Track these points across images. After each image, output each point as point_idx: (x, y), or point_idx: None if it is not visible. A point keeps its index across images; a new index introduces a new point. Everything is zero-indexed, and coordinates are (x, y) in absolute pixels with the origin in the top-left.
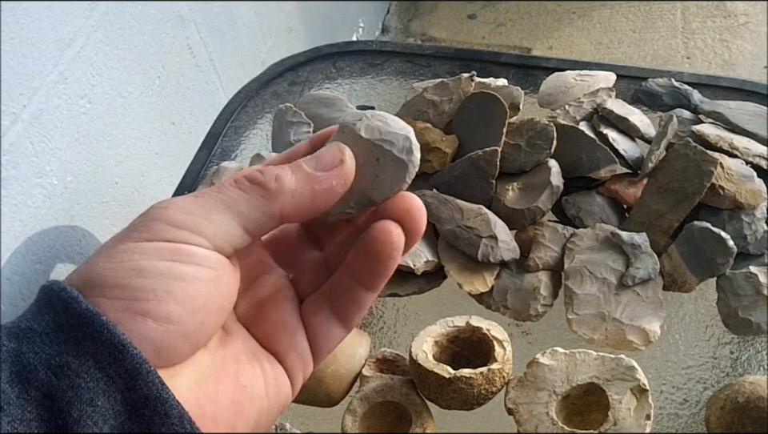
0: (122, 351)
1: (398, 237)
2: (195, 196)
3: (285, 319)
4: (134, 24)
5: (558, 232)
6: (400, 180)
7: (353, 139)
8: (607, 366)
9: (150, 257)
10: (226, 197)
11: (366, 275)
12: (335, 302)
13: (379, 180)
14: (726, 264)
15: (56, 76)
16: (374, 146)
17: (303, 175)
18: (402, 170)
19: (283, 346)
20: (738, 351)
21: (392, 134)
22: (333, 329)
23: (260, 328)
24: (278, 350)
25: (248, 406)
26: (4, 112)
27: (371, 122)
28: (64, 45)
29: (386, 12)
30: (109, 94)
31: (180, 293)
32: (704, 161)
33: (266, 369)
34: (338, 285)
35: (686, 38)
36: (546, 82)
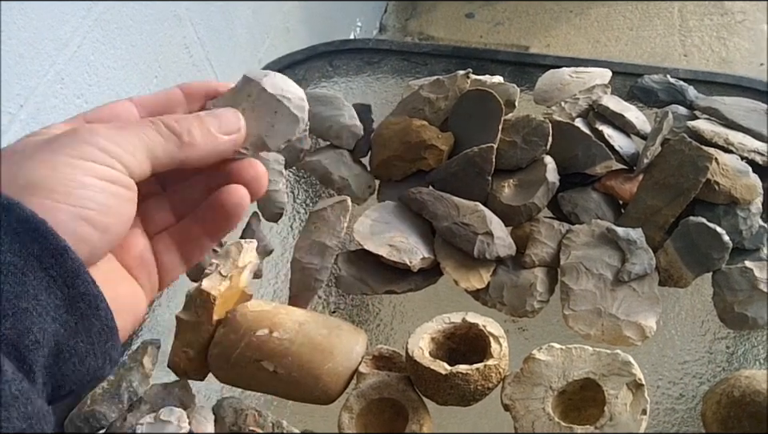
0: (63, 255)
1: (245, 199)
2: (120, 129)
3: (143, 254)
4: (131, 23)
5: (554, 228)
6: (291, 132)
7: (257, 91)
8: (603, 361)
9: (88, 174)
10: (147, 138)
11: (214, 227)
12: (184, 246)
13: (274, 129)
14: (722, 259)
15: (53, 76)
16: (274, 99)
17: (209, 134)
18: (294, 124)
19: (141, 275)
20: (733, 346)
21: (290, 92)
22: (177, 266)
23: (123, 258)
24: (135, 276)
25: (134, 308)
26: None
27: (274, 79)
28: (61, 45)
29: (383, 11)
30: (106, 93)
31: (116, 209)
32: (699, 156)
33: (134, 284)
34: (187, 232)
35: (683, 36)
36: (542, 79)
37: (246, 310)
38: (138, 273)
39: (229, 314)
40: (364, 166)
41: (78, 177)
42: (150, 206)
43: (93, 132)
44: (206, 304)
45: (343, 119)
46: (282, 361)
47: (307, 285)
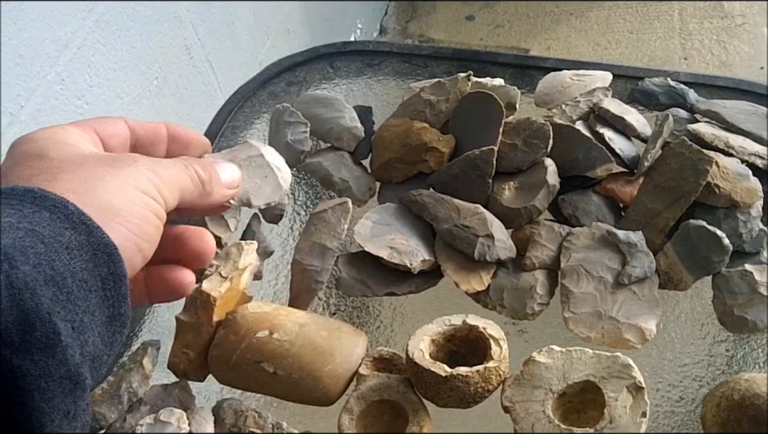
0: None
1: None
2: (166, 166)
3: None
4: (132, 25)
5: (555, 231)
6: (273, 197)
7: (255, 155)
8: (603, 364)
9: (146, 207)
10: (182, 180)
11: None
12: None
13: (261, 190)
14: (722, 262)
15: (53, 77)
16: (268, 166)
17: (219, 184)
18: (278, 191)
19: None
20: (733, 349)
21: (282, 167)
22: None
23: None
24: None
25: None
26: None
27: (272, 152)
28: (61, 46)
29: (384, 13)
30: (106, 94)
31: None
32: (700, 160)
33: None
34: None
35: (683, 39)
36: (543, 81)
37: (246, 311)
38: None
39: (229, 315)
40: (365, 168)
41: (141, 210)
42: None
43: (151, 167)
44: (206, 305)
45: (344, 121)
46: (282, 363)
47: (307, 287)
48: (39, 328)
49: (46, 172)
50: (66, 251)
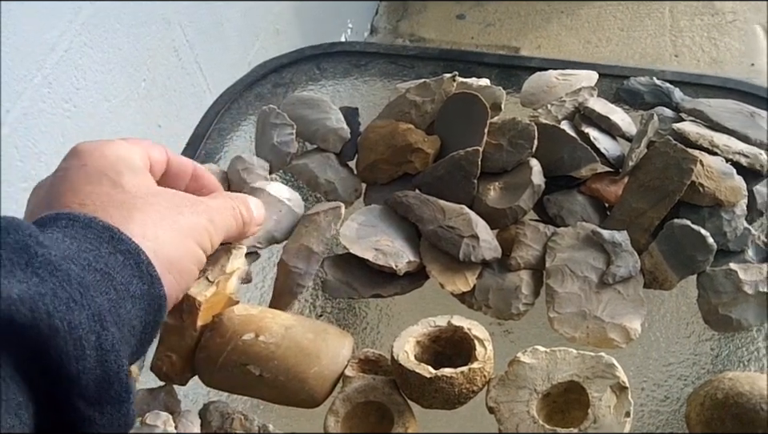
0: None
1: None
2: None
3: None
4: (119, 27)
5: (540, 231)
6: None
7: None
8: (587, 364)
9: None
10: (230, 226)
11: None
12: None
13: (281, 225)
14: (706, 261)
15: (40, 80)
16: (278, 201)
17: (254, 225)
18: (294, 218)
19: None
20: (718, 348)
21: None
22: None
23: None
24: None
25: None
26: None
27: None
28: (48, 49)
29: (374, 13)
30: (94, 97)
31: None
32: (684, 159)
33: None
34: None
35: (674, 36)
36: (529, 81)
37: (232, 314)
38: None
39: (215, 318)
40: (351, 169)
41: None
42: None
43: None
44: (191, 309)
45: (330, 122)
46: (268, 365)
47: (289, 289)
48: (115, 387)
49: (121, 207)
50: (131, 300)
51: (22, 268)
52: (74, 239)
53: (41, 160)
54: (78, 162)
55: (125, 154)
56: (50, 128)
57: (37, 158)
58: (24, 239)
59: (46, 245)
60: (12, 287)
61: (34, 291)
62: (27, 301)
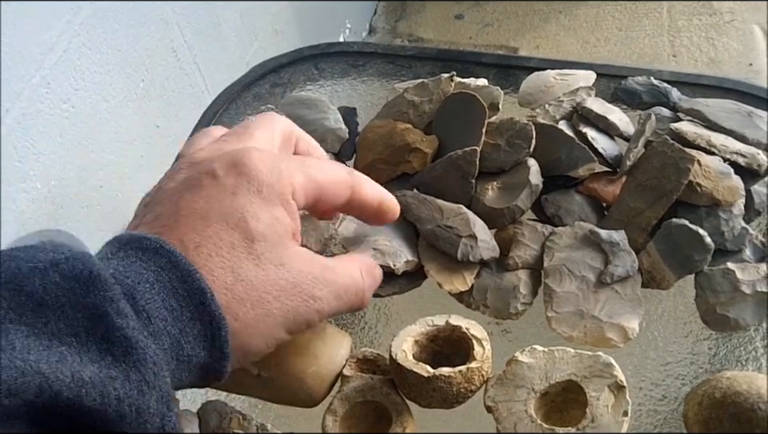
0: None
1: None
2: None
3: None
4: (117, 27)
5: (538, 231)
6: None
7: None
8: (585, 363)
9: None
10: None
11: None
12: None
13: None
14: (704, 261)
15: (38, 80)
16: None
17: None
18: None
19: None
20: (715, 347)
21: None
22: None
23: None
24: None
25: None
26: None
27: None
28: (46, 49)
29: (373, 13)
30: (92, 98)
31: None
32: (682, 158)
33: None
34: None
35: (672, 36)
36: (526, 81)
37: None
38: None
39: None
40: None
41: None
42: None
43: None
44: None
45: (328, 123)
46: (266, 364)
47: None
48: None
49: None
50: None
51: (97, 342)
52: (161, 290)
53: (39, 160)
54: (236, 180)
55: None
56: (49, 128)
57: (35, 159)
58: (104, 304)
59: (126, 314)
60: (84, 367)
61: (105, 373)
62: (98, 385)
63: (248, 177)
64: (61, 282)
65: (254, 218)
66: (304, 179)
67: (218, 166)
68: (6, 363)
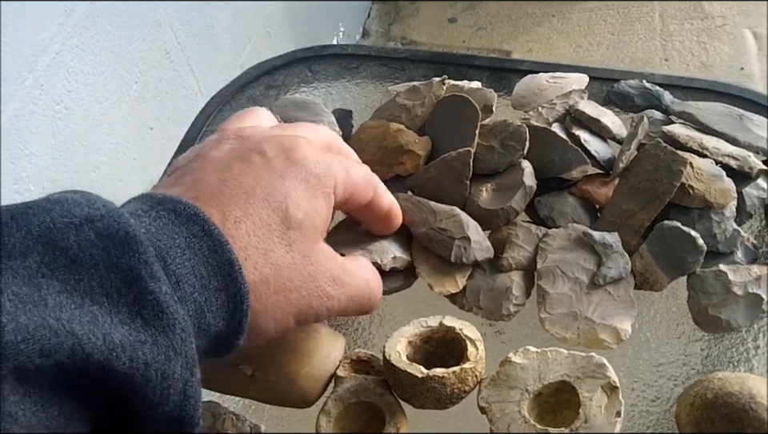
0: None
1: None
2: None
3: None
4: (111, 29)
5: (531, 232)
6: None
7: None
8: (578, 364)
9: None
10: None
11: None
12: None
13: None
14: (696, 263)
15: (31, 82)
16: None
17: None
18: None
19: None
20: (708, 348)
21: None
22: None
23: None
24: None
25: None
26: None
27: None
28: (39, 50)
29: (366, 16)
30: (85, 99)
31: None
32: (674, 161)
33: None
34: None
35: (663, 40)
36: (520, 84)
37: None
38: None
39: None
40: None
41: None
42: None
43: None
44: None
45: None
46: (260, 365)
47: None
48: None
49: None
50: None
51: (129, 304)
52: (192, 256)
53: (32, 162)
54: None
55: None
56: (42, 130)
57: (28, 160)
58: (138, 266)
59: (158, 278)
60: (114, 329)
61: (135, 337)
62: (128, 349)
63: (297, 164)
64: (96, 240)
65: (296, 205)
66: (345, 175)
67: (268, 148)
68: (39, 321)
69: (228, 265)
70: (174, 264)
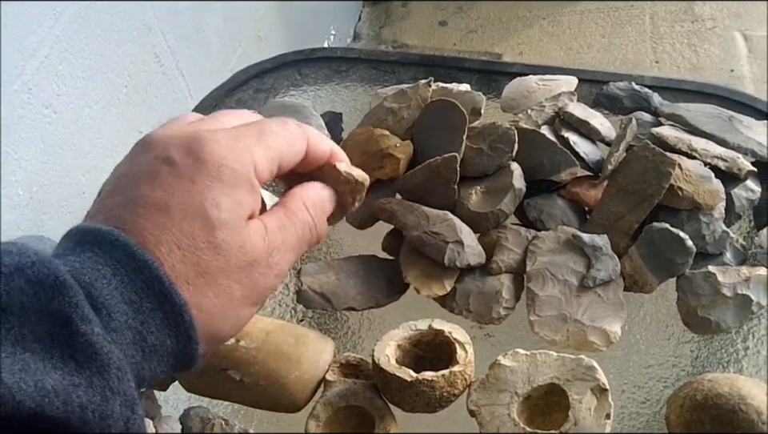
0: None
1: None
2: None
3: None
4: (100, 33)
5: (521, 235)
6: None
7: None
8: (567, 366)
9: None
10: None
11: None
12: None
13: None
14: (686, 264)
15: (19, 86)
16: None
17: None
18: None
19: None
20: (697, 350)
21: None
22: None
23: None
24: None
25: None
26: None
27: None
28: (28, 54)
29: (357, 19)
30: (74, 103)
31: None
32: (663, 162)
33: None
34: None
35: (654, 43)
36: (509, 86)
37: None
38: None
39: None
40: None
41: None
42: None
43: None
44: None
45: None
46: (249, 370)
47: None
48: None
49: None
50: (157, 358)
51: (61, 348)
52: (119, 284)
53: (21, 166)
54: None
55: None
56: (30, 134)
57: (17, 165)
58: (68, 310)
59: (90, 319)
60: (47, 375)
61: (68, 381)
62: (61, 393)
63: (206, 163)
64: (26, 287)
65: (215, 205)
66: (264, 151)
67: (174, 153)
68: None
69: (157, 283)
70: (102, 297)
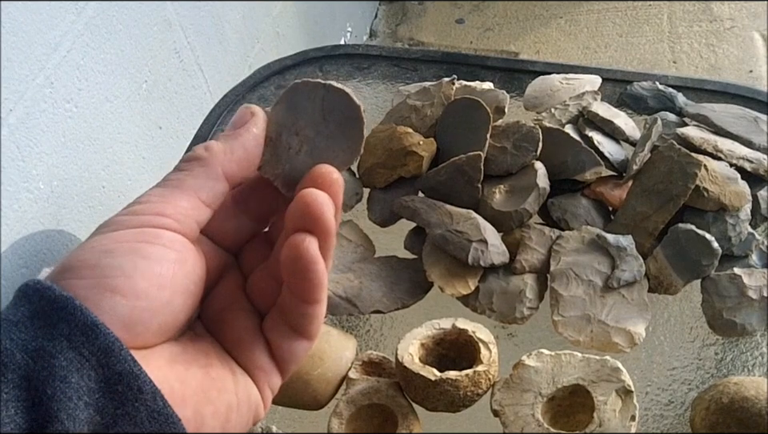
0: (94, 331)
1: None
2: (148, 192)
3: (241, 335)
4: (121, 28)
5: (545, 235)
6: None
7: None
8: (592, 367)
9: (117, 240)
10: (175, 180)
11: (300, 291)
12: (288, 318)
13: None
14: (711, 266)
15: (42, 80)
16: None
17: (224, 136)
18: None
19: (243, 359)
20: (722, 352)
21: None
22: (294, 343)
23: (223, 339)
24: (240, 361)
25: (216, 396)
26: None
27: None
28: (50, 49)
29: (373, 16)
30: (95, 98)
31: (147, 270)
32: (688, 163)
33: (235, 371)
34: (285, 302)
35: (672, 42)
36: (532, 85)
37: None
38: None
39: None
40: (352, 172)
41: (107, 246)
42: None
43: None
44: None
45: None
46: None
47: None
48: None
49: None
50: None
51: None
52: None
53: (42, 160)
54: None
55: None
56: (52, 128)
57: (38, 159)
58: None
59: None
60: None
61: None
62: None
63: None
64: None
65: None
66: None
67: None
68: None
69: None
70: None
